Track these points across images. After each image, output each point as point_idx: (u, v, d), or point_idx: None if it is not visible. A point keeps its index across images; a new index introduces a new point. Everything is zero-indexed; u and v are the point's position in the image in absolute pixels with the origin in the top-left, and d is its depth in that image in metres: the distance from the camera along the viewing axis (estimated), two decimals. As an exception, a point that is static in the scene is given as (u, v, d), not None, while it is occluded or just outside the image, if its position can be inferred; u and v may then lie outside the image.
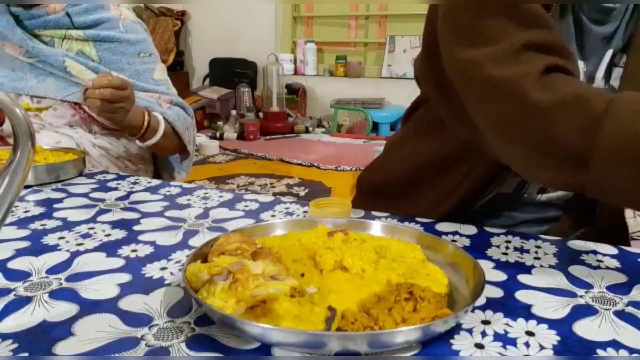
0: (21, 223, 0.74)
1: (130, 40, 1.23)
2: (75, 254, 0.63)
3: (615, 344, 0.45)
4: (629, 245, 0.76)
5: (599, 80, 0.76)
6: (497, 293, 0.54)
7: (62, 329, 0.46)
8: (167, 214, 0.79)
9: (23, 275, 0.57)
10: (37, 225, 0.73)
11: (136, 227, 0.72)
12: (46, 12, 1.18)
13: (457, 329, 0.47)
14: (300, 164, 3.49)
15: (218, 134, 4.15)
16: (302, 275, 0.52)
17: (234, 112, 4.45)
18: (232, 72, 4.80)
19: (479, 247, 0.67)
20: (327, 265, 0.53)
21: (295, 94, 4.60)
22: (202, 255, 0.55)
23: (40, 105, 1.19)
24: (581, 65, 0.76)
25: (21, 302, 0.51)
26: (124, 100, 1.04)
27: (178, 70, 4.89)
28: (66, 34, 1.19)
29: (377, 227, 0.65)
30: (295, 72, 4.79)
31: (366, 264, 0.54)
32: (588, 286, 0.56)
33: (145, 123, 1.13)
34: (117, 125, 1.13)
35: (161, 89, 1.26)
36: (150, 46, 1.29)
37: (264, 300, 0.44)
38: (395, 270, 0.53)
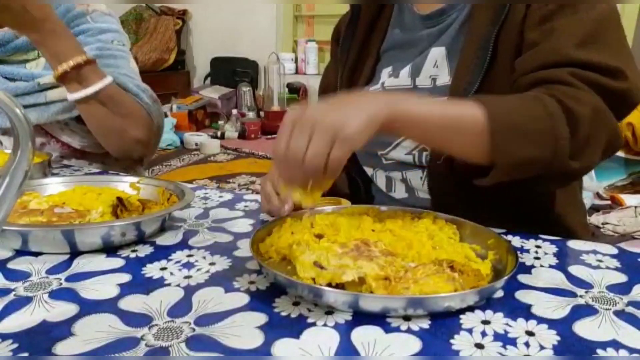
0: (22, 223, 0.74)
1: (102, 28, 1.14)
2: (75, 254, 0.63)
3: (615, 344, 0.45)
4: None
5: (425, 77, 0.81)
6: (497, 293, 0.53)
7: (62, 329, 0.46)
8: (168, 213, 0.78)
9: (23, 275, 0.57)
10: (37, 225, 0.73)
11: (136, 227, 0.72)
12: (14, 36, 1.09)
13: (457, 328, 0.47)
14: (301, 163, 3.48)
15: (219, 133, 4.14)
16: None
17: (235, 111, 4.44)
18: (233, 71, 4.79)
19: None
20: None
21: (296, 93, 4.59)
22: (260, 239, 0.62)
23: None
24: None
25: (21, 302, 0.51)
26: None
27: (179, 69, 4.86)
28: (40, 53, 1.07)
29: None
30: (297, 72, 4.77)
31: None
32: (588, 286, 0.56)
33: (77, 61, 0.96)
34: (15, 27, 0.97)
35: (137, 80, 1.13)
36: (124, 38, 1.18)
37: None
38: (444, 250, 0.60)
